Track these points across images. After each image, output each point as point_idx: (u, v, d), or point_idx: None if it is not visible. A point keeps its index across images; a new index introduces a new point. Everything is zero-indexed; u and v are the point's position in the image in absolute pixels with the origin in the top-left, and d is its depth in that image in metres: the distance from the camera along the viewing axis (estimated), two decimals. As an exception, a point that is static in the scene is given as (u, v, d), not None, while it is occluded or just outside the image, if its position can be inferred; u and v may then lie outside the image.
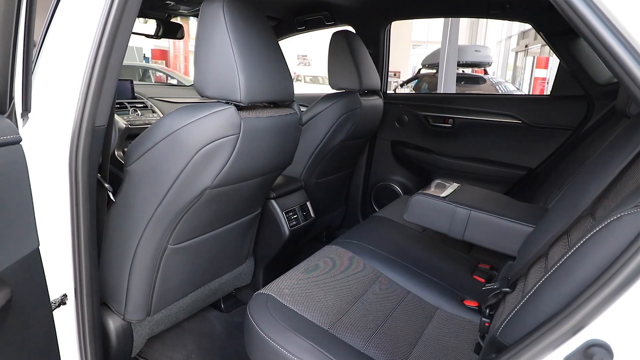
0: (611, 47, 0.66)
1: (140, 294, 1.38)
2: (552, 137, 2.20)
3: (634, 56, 0.64)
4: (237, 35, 1.19)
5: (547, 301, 0.77)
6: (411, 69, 16.23)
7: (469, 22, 19.36)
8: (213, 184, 1.24)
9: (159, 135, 1.19)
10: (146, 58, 13.77)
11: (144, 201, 1.27)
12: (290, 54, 17.91)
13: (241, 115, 1.22)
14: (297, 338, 1.08)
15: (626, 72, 0.65)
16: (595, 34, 0.66)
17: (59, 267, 1.09)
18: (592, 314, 0.64)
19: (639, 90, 0.65)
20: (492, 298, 1.21)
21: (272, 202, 1.92)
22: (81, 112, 1.02)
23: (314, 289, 1.31)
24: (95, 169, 1.12)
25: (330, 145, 2.15)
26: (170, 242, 1.35)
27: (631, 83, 0.65)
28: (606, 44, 0.66)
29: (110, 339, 1.39)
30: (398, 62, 16.43)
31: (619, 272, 0.62)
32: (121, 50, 1.06)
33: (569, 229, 1.01)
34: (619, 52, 0.65)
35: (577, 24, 0.69)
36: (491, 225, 1.47)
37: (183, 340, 1.73)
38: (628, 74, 0.65)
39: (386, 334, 1.21)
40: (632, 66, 0.64)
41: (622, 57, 0.65)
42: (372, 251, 1.59)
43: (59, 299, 1.11)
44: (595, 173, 1.14)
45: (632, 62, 0.64)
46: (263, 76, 1.25)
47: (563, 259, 0.79)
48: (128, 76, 8.84)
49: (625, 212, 0.69)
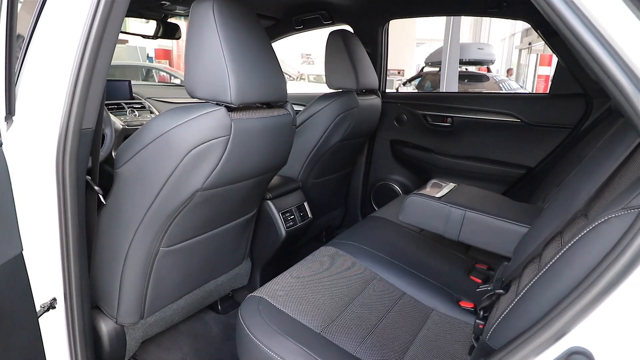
0: (594, 51, 0.63)
1: (132, 297, 1.38)
2: (551, 136, 2.18)
3: (619, 63, 0.62)
4: (227, 35, 1.18)
5: (536, 305, 0.75)
6: (415, 67, 16.18)
7: (473, 20, 19.25)
8: (204, 186, 1.24)
9: (149, 137, 1.18)
10: (149, 58, 13.79)
11: (135, 204, 1.27)
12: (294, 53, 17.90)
13: (232, 117, 1.20)
14: (287, 342, 1.07)
15: (608, 76, 0.63)
16: (574, 33, 0.64)
17: (48, 271, 1.09)
18: (574, 320, 0.63)
19: (621, 96, 0.63)
20: (486, 300, 1.19)
21: (268, 203, 1.91)
22: (67, 114, 1.01)
23: (307, 291, 1.29)
24: (84, 171, 1.12)
25: (327, 145, 2.14)
26: (162, 244, 1.34)
27: (613, 87, 0.63)
28: (589, 48, 0.64)
29: (102, 342, 1.39)
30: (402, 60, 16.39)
31: (601, 278, 0.61)
32: (108, 52, 1.05)
33: (563, 229, 0.99)
34: (601, 55, 0.63)
35: (555, 21, 0.67)
36: (486, 225, 1.45)
37: (178, 342, 1.72)
38: (609, 77, 0.63)
39: (379, 336, 1.20)
40: (615, 71, 0.62)
41: (605, 61, 0.63)
42: (368, 252, 1.58)
43: (48, 303, 1.10)
44: (589, 172, 1.13)
45: (614, 66, 0.62)
46: (254, 77, 1.24)
47: (551, 261, 0.77)
48: (131, 76, 8.88)
49: (613, 215, 0.68)
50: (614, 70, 0.62)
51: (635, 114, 0.62)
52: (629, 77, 0.61)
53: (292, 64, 18.77)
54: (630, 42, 0.62)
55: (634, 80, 0.61)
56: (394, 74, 15.33)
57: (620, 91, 0.62)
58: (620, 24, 0.62)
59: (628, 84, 0.61)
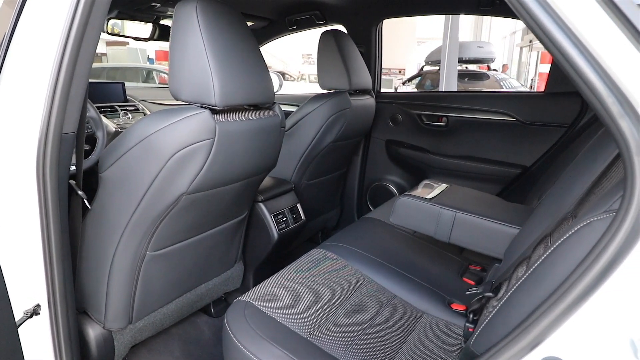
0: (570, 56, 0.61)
1: (120, 301, 1.36)
2: (547, 135, 2.15)
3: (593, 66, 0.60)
4: (210, 37, 1.16)
5: (518, 310, 0.74)
6: (416, 66, 16.15)
7: (474, 18, 19.18)
8: (189, 189, 1.22)
9: (132, 141, 1.17)
10: (150, 59, 13.81)
11: (119, 208, 1.25)
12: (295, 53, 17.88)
13: (217, 119, 1.19)
14: (272, 347, 1.05)
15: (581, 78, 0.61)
16: (538, 23, 0.62)
17: (31, 277, 1.07)
18: (549, 329, 0.61)
19: (595, 99, 0.60)
20: (476, 303, 1.17)
21: (260, 205, 1.89)
22: (47, 118, 0.99)
23: (296, 295, 1.28)
24: (66, 176, 1.10)
25: (320, 147, 2.12)
26: (149, 249, 1.33)
27: (588, 91, 0.61)
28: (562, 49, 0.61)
29: (90, 347, 1.37)
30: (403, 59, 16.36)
31: (575, 286, 0.59)
32: (89, 54, 1.03)
33: (552, 231, 0.97)
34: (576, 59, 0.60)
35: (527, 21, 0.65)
36: (477, 227, 1.43)
37: (170, 346, 1.71)
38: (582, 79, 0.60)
39: (368, 340, 1.18)
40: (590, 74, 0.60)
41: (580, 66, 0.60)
42: (359, 254, 1.56)
43: (31, 310, 1.09)
44: (580, 172, 1.11)
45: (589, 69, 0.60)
46: (239, 78, 1.23)
47: (534, 266, 0.75)
48: (132, 78, 8.87)
49: (595, 218, 0.66)
50: (595, 82, 0.59)
51: (615, 127, 0.59)
52: (607, 85, 0.59)
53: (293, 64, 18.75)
54: (606, 45, 0.59)
55: (611, 87, 0.59)
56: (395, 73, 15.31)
57: (596, 96, 0.60)
58: (595, 26, 0.60)
59: (603, 89, 0.59)
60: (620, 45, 0.58)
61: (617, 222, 0.58)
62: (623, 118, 0.58)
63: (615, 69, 0.58)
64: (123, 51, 13.68)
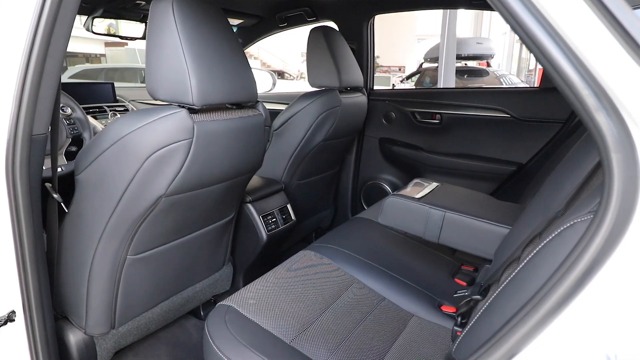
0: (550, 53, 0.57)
1: (101, 306, 1.33)
2: (542, 131, 2.11)
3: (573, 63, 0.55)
4: (187, 35, 1.13)
5: (498, 317, 0.70)
6: (416, 63, 16.12)
7: (474, 14, 19.11)
8: (168, 191, 1.19)
9: (107, 142, 1.14)
10: (149, 60, 13.76)
11: (96, 211, 1.22)
12: (294, 52, 17.83)
13: (194, 119, 1.15)
14: (252, 354, 1.02)
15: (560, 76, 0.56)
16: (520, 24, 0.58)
17: (4, 283, 1.04)
18: (524, 340, 0.57)
19: (570, 91, 0.56)
20: (464, 306, 1.14)
21: (248, 206, 1.86)
22: (15, 119, 0.96)
23: (280, 299, 1.24)
24: (38, 179, 1.07)
25: (310, 146, 2.08)
26: (129, 252, 1.29)
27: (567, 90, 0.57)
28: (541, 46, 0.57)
29: (71, 353, 1.34)
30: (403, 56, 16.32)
31: (551, 293, 0.55)
32: (58, 54, 1.00)
33: (542, 231, 0.94)
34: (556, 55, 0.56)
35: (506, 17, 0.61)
36: (467, 227, 1.39)
37: (157, 350, 1.68)
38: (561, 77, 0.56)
39: (354, 344, 1.15)
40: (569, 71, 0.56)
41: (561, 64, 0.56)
42: (348, 255, 1.53)
43: (5, 316, 1.06)
44: (571, 169, 1.07)
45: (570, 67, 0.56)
46: (218, 77, 1.19)
47: (517, 268, 0.72)
48: (130, 78, 8.83)
49: (578, 219, 0.62)
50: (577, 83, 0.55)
51: (591, 122, 0.55)
52: (581, 75, 0.55)
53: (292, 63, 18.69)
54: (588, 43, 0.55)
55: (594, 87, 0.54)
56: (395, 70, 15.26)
57: (570, 88, 0.55)
58: (570, 13, 0.56)
59: (578, 80, 0.55)
60: (596, 33, 0.54)
61: (594, 225, 0.54)
62: (599, 112, 0.53)
63: (590, 57, 0.53)
64: (121, 52, 13.64)
